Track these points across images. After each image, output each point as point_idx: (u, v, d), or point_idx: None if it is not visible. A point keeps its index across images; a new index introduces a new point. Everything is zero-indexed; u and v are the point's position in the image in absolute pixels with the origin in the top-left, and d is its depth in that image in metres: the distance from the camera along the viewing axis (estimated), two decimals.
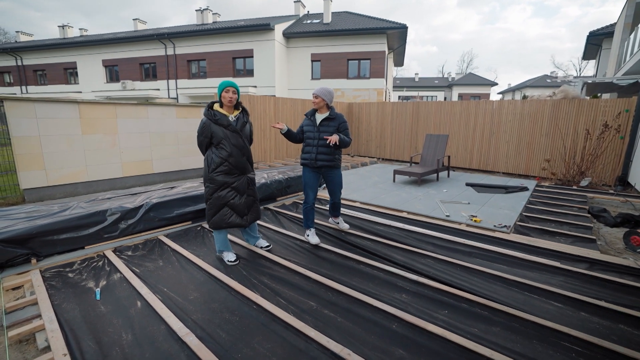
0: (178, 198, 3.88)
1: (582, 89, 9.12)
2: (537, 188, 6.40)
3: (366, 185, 6.38)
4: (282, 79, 18.35)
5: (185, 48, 19.29)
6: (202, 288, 2.59)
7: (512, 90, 39.87)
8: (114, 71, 21.84)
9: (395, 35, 17.71)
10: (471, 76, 40.21)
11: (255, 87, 18.01)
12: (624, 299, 2.49)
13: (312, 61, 18.52)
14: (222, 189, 2.89)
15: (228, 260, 3.03)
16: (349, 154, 11.55)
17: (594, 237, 3.69)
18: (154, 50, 20.07)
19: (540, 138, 7.75)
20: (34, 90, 24.35)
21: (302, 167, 3.53)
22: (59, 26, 26.92)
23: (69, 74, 23.34)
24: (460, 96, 37.09)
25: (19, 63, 24.62)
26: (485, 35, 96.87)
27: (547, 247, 3.39)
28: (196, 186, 4.44)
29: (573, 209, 4.95)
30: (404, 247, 3.36)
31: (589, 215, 4.65)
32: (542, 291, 2.55)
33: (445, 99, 38.99)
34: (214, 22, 22.32)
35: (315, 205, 4.94)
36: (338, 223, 3.93)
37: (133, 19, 24.75)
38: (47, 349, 1.94)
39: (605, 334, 2.08)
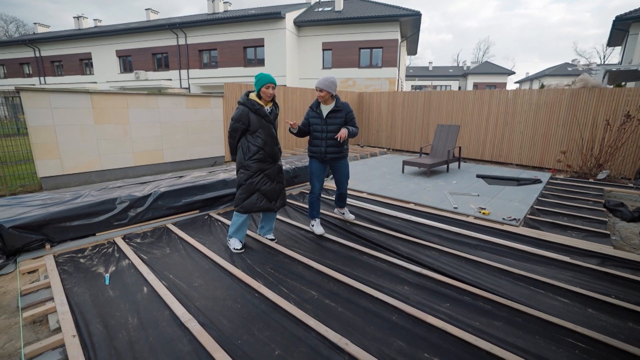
0: (186, 187, 3.94)
1: (603, 78, 8.73)
2: (551, 180, 6.22)
3: (374, 176, 6.34)
4: (293, 68, 18.22)
5: (197, 38, 19.31)
6: (206, 276, 2.65)
7: (530, 79, 38.52)
8: (127, 61, 22.09)
9: (408, 22, 17.26)
10: (487, 65, 39.03)
11: None
12: (635, 296, 2.42)
13: (324, 50, 18.28)
14: (256, 175, 2.97)
15: (234, 248, 3.08)
16: (358, 144, 11.46)
17: (607, 232, 3.57)
18: (166, 40, 20.16)
19: (556, 129, 7.49)
20: (52, 81, 24.92)
21: (309, 158, 3.52)
22: (74, 17, 27.31)
23: (84, 64, 23.74)
24: (476, 85, 36.10)
25: (37, 54, 25.16)
26: (503, 22, 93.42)
27: (558, 241, 3.30)
28: (204, 175, 4.49)
29: (588, 202, 4.80)
30: (408, 239, 3.34)
31: (605, 209, 4.50)
32: (549, 286, 2.50)
33: (459, 88, 38.04)
34: (225, 11, 22.21)
35: (322, 196, 4.95)
36: (344, 214, 3.92)
37: (145, 9, 24.86)
38: (58, 330, 2.02)
39: (613, 332, 2.03)
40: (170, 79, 20.48)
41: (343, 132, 3.14)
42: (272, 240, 3.32)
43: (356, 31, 17.33)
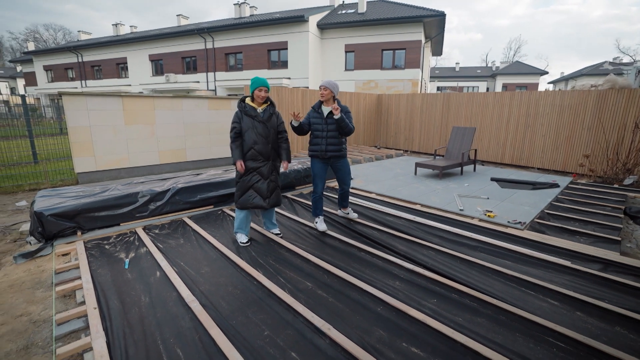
0: (202, 184, 4.24)
1: (636, 78, 8.27)
2: (570, 185, 6.02)
3: (386, 177, 6.41)
4: (315, 70, 18.49)
5: (224, 41, 20.04)
6: (213, 264, 2.89)
7: (565, 79, 36.60)
8: (159, 65, 23.28)
9: (432, 23, 17.03)
10: (518, 65, 37.48)
11: (289, 78, 18.33)
12: (630, 302, 2.40)
13: (346, 52, 18.41)
14: (249, 172, 3.19)
15: (240, 242, 3.32)
16: (375, 146, 11.50)
17: (618, 239, 3.48)
18: (195, 45, 21.09)
19: (581, 132, 7.21)
20: (92, 84, 26.74)
21: (311, 158, 3.70)
22: (112, 24, 29.14)
23: (120, 68, 25.28)
24: (505, 86, 34.78)
25: (80, 60, 27.08)
26: (537, 19, 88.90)
27: (561, 245, 3.27)
28: (219, 174, 4.79)
29: (606, 208, 4.64)
30: (408, 238, 3.43)
31: (624, 216, 4.35)
32: (541, 288, 2.53)
33: (487, 89, 36.80)
34: (250, 16, 22.88)
35: (328, 194, 5.12)
36: (348, 213, 4.06)
37: (176, 15, 26.11)
38: (83, 303, 2.33)
39: (596, 334, 2.05)
40: (198, 81, 21.38)
41: (337, 110, 3.29)
42: (277, 234, 3.53)
43: (379, 33, 17.33)
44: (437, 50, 24.51)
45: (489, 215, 4.07)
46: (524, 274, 2.73)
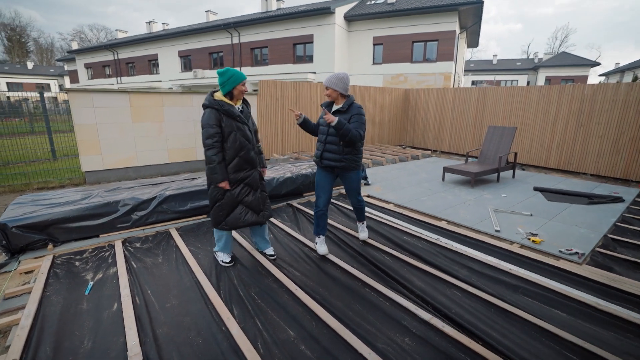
0: (194, 191, 3.78)
1: None
2: (638, 199, 4.96)
3: (409, 184, 5.67)
4: (342, 64, 17.76)
5: (250, 36, 19.84)
6: (182, 296, 2.39)
7: (620, 70, 32.97)
8: (187, 61, 23.58)
9: (468, 12, 15.67)
10: (564, 56, 34.28)
11: (315, 73, 17.75)
12: None
13: (374, 45, 17.52)
14: (236, 186, 2.64)
15: (222, 261, 2.84)
16: (401, 146, 10.66)
17: None
18: (222, 40, 21.07)
19: None
20: (126, 81, 27.72)
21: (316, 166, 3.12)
22: (146, 22, 30.00)
23: (152, 65, 25.94)
24: (548, 80, 31.94)
25: (116, 57, 28.15)
26: (586, 5, 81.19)
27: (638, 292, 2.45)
28: None
29: None
30: (428, 270, 2.74)
31: None
32: None
33: (528, 83, 34.06)
34: (277, 9, 22.50)
35: (338, 204, 4.49)
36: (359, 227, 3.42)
37: (205, 11, 26.31)
38: (8, 349, 1.90)
39: None
40: None
41: (329, 117, 2.66)
42: (272, 257, 2.98)
43: (409, 23, 16.26)
44: (473, 42, 22.81)
45: (533, 241, 3.26)
46: (589, 339, 1.98)
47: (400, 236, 3.46)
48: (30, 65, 44.23)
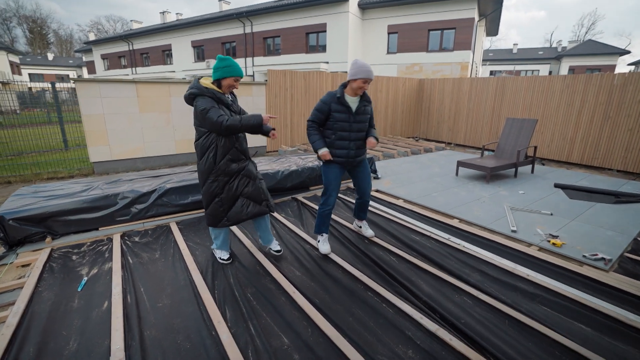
0: (195, 184, 3.68)
1: None
2: None
3: (420, 178, 5.42)
4: (355, 54, 17.34)
5: (262, 25, 19.60)
6: (175, 295, 2.29)
7: None
8: (200, 51, 23.54)
9: None
10: (590, 44, 32.50)
11: (327, 62, 17.41)
12: None
13: (389, 33, 17.00)
14: (234, 178, 2.50)
15: (220, 258, 2.73)
16: (414, 138, 10.33)
17: None
18: (234, 30, 20.89)
19: None
20: (141, 71, 27.97)
21: (325, 163, 2.83)
22: (160, 12, 30.03)
23: (165, 55, 26.04)
24: (572, 69, 30.40)
25: (130, 48, 28.38)
26: None
27: None
28: None
29: None
30: (437, 273, 2.55)
31: None
32: None
33: (550, 73, 32.56)
34: None
35: (344, 197, 4.33)
36: (361, 227, 3.25)
37: (218, 0, 26.09)
38: None
39: None
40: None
41: (372, 140, 2.73)
42: (277, 252, 2.84)
43: (426, 11, 15.65)
44: (493, 30, 21.86)
45: (554, 243, 3.01)
46: (616, 359, 1.76)
47: (408, 235, 3.27)
48: (50, 56, 45.27)
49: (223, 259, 2.72)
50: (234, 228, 3.34)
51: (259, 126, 2.36)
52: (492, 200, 4.30)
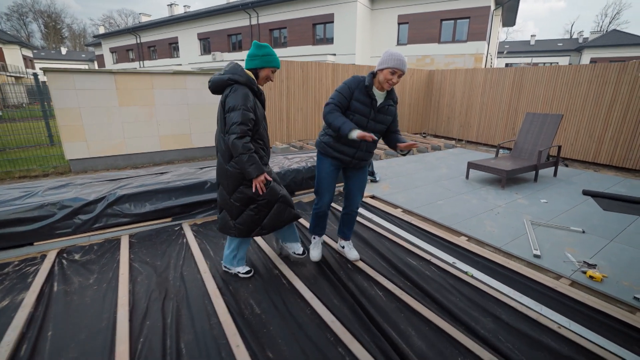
0: (153, 190, 3.14)
1: None
2: None
3: (425, 181, 4.76)
4: (363, 45, 16.59)
5: (268, 17, 19.03)
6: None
7: None
8: (207, 43, 23.12)
9: None
10: (614, 34, 30.57)
11: (335, 54, 16.72)
12: None
13: (399, 24, 16.17)
14: (267, 183, 2.15)
15: (240, 273, 2.36)
16: (422, 134, 9.60)
17: None
18: (240, 21, 20.37)
19: None
20: (148, 64, 27.76)
21: (320, 155, 2.39)
22: (167, 5, 29.68)
23: (172, 48, 25.71)
24: (594, 61, 28.64)
25: (138, 41, 28.18)
26: None
27: None
28: (191, 173, 3.66)
29: None
30: (435, 321, 1.94)
31: None
32: None
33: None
34: None
35: (333, 206, 3.73)
36: (344, 247, 2.65)
37: None
38: None
39: None
40: (243, 59, 20.68)
41: (411, 144, 2.09)
42: (301, 254, 2.50)
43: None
44: (509, 20, 20.63)
45: (591, 276, 2.34)
46: None
47: (403, 258, 2.66)
48: (63, 50, 45.71)
49: (243, 273, 2.36)
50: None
51: (253, 176, 1.95)
52: (508, 211, 3.63)
